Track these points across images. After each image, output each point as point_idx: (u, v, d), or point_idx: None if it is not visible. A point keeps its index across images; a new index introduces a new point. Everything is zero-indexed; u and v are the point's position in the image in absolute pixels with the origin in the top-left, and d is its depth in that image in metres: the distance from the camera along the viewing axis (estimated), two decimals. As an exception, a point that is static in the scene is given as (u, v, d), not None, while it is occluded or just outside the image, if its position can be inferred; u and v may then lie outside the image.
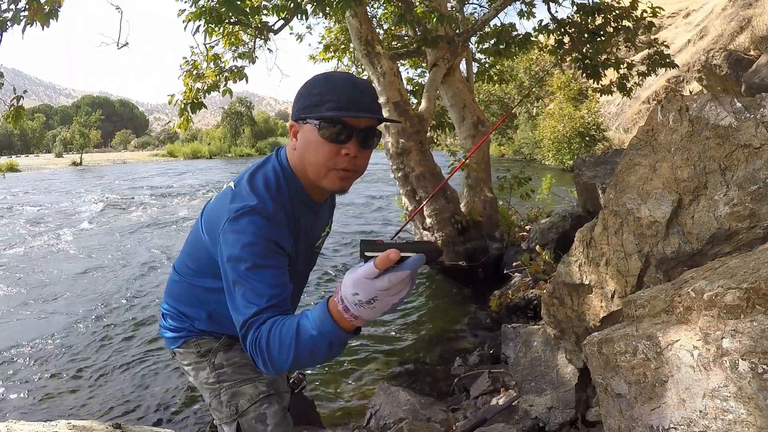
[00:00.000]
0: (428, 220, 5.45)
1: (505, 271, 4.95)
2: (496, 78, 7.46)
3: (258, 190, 1.11)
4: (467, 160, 5.15)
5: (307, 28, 8.58)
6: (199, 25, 4.80)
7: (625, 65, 6.32)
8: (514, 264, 4.65)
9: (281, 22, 5.50)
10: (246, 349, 0.95)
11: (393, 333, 4.34)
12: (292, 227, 1.15)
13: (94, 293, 5.85)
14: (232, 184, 1.18)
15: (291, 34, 7.18)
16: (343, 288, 0.78)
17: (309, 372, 3.64)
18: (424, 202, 4.97)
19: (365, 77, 6.05)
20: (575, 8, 6.07)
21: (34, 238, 9.21)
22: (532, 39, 6.15)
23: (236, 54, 6.08)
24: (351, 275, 0.77)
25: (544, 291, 2.17)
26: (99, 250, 8.14)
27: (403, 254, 0.75)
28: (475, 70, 7.20)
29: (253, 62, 6.14)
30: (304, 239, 1.25)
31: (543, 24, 6.16)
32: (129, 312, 5.17)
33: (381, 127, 1.18)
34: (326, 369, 3.67)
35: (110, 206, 13.22)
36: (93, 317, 5.06)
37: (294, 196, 1.18)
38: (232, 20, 5.03)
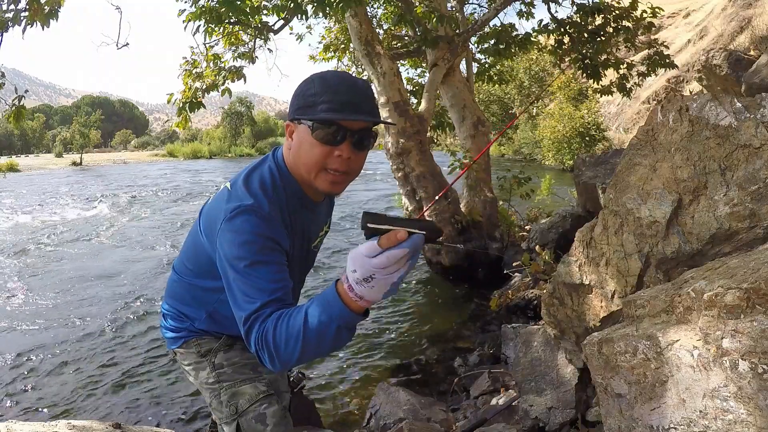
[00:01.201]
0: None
1: (505, 271, 4.94)
2: (496, 78, 7.46)
3: (254, 189, 1.12)
4: (472, 164, 5.15)
5: (307, 28, 8.56)
6: (199, 25, 4.81)
7: (625, 65, 6.32)
8: (514, 264, 4.64)
9: (281, 22, 5.50)
10: (250, 346, 0.95)
11: (393, 333, 4.34)
12: (289, 226, 1.16)
13: (94, 294, 5.85)
14: (228, 184, 1.18)
15: (291, 34, 7.17)
16: (347, 265, 0.78)
17: (309, 372, 3.64)
18: (426, 208, 4.97)
19: (365, 77, 6.05)
20: (575, 8, 6.07)
21: (35, 238, 9.21)
22: (532, 39, 6.16)
23: (236, 54, 6.08)
24: (353, 251, 0.77)
25: (544, 291, 2.17)
26: (99, 250, 8.14)
27: (407, 230, 0.75)
28: (475, 70, 7.19)
29: (253, 62, 6.15)
30: (300, 238, 1.25)
31: (543, 24, 6.16)
32: (129, 312, 5.17)
33: (381, 127, 1.19)
34: (327, 369, 3.68)
35: (110, 206, 13.22)
36: (93, 317, 5.06)
37: (290, 196, 1.18)
38: (232, 20, 5.03)
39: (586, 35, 6.06)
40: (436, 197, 4.62)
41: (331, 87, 1.05)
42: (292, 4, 4.61)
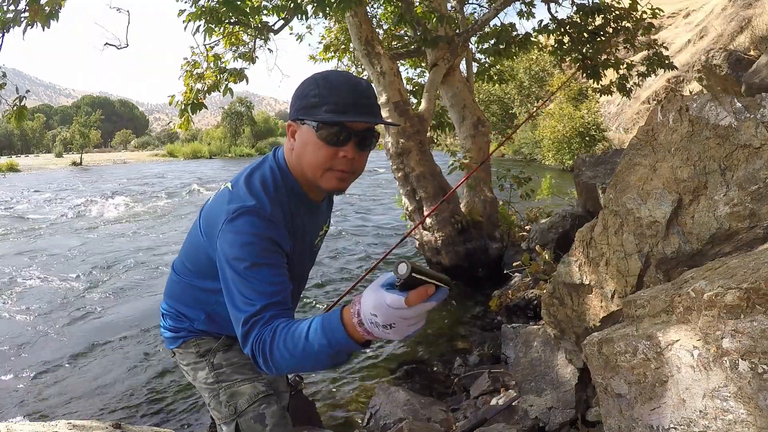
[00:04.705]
0: (428, 220, 5.45)
1: (505, 271, 4.94)
2: (496, 78, 7.46)
3: (255, 190, 1.12)
4: (477, 168, 5.13)
5: (307, 28, 8.56)
6: (199, 26, 4.80)
7: (625, 66, 6.32)
8: (514, 264, 4.64)
9: (281, 22, 5.50)
10: (245, 347, 0.95)
11: (393, 333, 4.34)
12: (290, 227, 1.16)
13: (93, 293, 5.85)
14: (229, 184, 1.18)
15: (291, 34, 7.17)
16: (364, 305, 0.77)
17: (309, 372, 3.64)
18: (429, 212, 4.96)
19: (365, 77, 6.05)
20: (575, 8, 6.07)
21: (36, 237, 9.21)
22: (532, 39, 6.16)
23: (236, 54, 6.07)
24: (375, 297, 0.75)
25: (544, 291, 2.17)
26: (99, 249, 8.13)
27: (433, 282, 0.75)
28: (475, 70, 7.19)
29: (254, 62, 6.14)
30: (302, 238, 1.25)
31: (543, 24, 6.16)
32: (129, 312, 5.17)
33: (381, 126, 1.19)
34: (327, 369, 3.67)
35: (109, 206, 13.22)
36: (93, 317, 5.06)
37: (291, 196, 1.18)
38: (232, 20, 5.03)
39: (586, 35, 6.06)
40: (440, 202, 4.60)
41: (334, 88, 1.05)
42: (292, 4, 4.61)
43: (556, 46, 6.40)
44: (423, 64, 7.47)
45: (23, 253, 7.98)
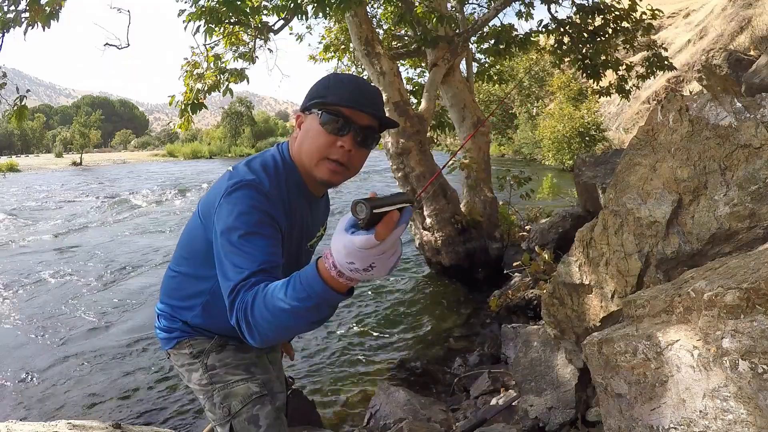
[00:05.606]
0: (428, 220, 5.45)
1: (505, 271, 4.94)
2: (496, 78, 7.47)
3: (255, 169, 1.16)
4: (459, 151, 5.11)
5: (307, 28, 8.59)
6: (199, 26, 4.80)
7: (624, 67, 6.32)
8: (514, 264, 4.64)
9: (281, 22, 5.50)
10: (231, 317, 0.94)
11: (393, 333, 4.34)
12: (287, 208, 1.17)
13: (93, 293, 5.85)
14: (230, 168, 1.23)
15: (291, 34, 7.18)
16: (336, 255, 0.76)
17: (308, 373, 3.64)
18: (418, 194, 4.98)
19: (365, 77, 6.05)
20: (575, 8, 6.08)
21: (36, 238, 9.21)
22: (532, 39, 6.16)
23: (236, 54, 6.07)
24: (345, 244, 0.73)
25: (544, 291, 2.17)
26: (100, 250, 8.13)
27: (393, 208, 0.74)
28: (475, 70, 7.19)
29: (254, 62, 6.14)
30: (298, 230, 1.26)
31: (543, 24, 6.17)
32: (129, 312, 5.17)
33: None
34: (327, 369, 3.67)
35: (111, 205, 13.22)
36: (92, 317, 5.06)
37: (291, 182, 1.21)
38: (232, 20, 5.03)
39: (585, 35, 6.07)
40: (425, 186, 4.68)
41: (344, 84, 1.13)
42: (292, 4, 4.61)
43: (555, 46, 6.40)
44: (423, 64, 7.47)
45: (24, 254, 7.98)
